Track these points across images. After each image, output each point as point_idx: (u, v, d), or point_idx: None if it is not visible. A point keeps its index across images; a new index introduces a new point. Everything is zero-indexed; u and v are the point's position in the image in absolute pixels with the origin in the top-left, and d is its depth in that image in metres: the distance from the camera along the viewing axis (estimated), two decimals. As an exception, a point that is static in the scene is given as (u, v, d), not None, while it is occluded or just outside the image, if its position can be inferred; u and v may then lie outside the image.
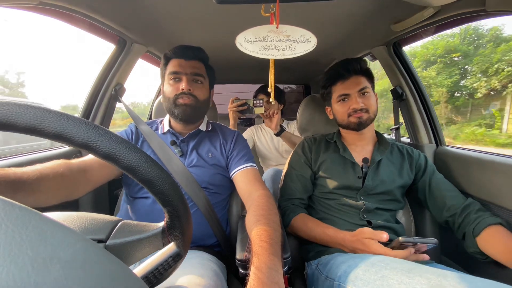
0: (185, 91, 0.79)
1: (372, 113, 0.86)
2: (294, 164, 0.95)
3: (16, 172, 0.52)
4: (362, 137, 0.91)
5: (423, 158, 0.89)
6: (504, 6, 0.67)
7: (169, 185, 0.32)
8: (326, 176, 0.88)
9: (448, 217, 0.78)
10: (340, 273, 0.60)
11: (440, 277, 0.45)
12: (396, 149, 0.92)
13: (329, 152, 0.92)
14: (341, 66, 0.87)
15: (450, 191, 0.81)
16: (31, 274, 0.14)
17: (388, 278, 0.49)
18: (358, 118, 0.84)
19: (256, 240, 0.52)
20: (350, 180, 0.85)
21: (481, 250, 0.69)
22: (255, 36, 0.59)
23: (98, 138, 0.28)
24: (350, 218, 0.82)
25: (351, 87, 0.85)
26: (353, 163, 0.87)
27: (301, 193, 0.89)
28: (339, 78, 0.88)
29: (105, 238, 0.35)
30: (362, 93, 0.85)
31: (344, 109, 0.87)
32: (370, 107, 0.85)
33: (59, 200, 0.60)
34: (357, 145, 0.91)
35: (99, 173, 0.71)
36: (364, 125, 0.85)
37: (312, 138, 0.99)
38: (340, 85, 0.88)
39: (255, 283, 0.42)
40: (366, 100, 0.85)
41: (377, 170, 0.85)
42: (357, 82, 0.85)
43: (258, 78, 2.11)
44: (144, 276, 0.31)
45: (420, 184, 0.86)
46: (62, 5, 0.78)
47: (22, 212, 0.16)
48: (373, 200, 0.83)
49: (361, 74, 0.86)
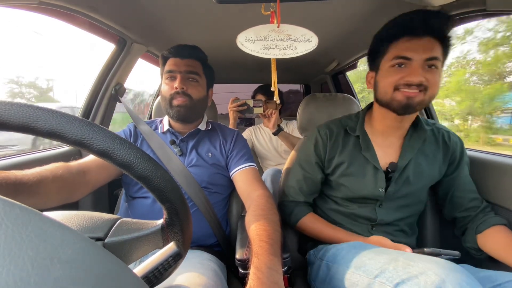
0: (178, 90, 0.79)
1: (430, 95, 0.63)
2: (303, 162, 0.81)
3: (17, 174, 0.52)
4: (400, 124, 0.70)
5: (459, 149, 0.74)
6: (504, 6, 0.67)
7: (166, 181, 0.32)
8: (341, 184, 0.74)
9: (460, 217, 0.75)
10: (328, 254, 0.66)
11: (399, 254, 0.53)
12: (431, 134, 0.74)
13: (348, 150, 0.74)
14: (417, 17, 0.62)
15: (471, 192, 0.74)
16: (31, 274, 0.14)
17: (362, 256, 0.56)
18: (407, 97, 0.62)
19: (255, 240, 0.53)
20: (369, 191, 0.71)
21: (478, 247, 0.70)
22: (256, 36, 0.58)
23: (92, 134, 0.28)
24: (357, 228, 0.75)
25: (419, 50, 0.61)
26: (376, 169, 0.71)
27: (307, 196, 0.82)
28: (407, 32, 0.63)
29: (104, 236, 0.35)
30: (429, 64, 0.61)
31: (395, 77, 0.63)
32: (432, 86, 0.61)
33: (59, 203, 0.61)
34: (388, 137, 0.73)
35: (98, 174, 0.71)
36: (412, 108, 0.64)
37: (327, 130, 0.77)
38: (404, 42, 0.63)
39: (254, 283, 0.42)
40: (430, 75, 0.61)
41: (404, 170, 0.71)
42: (430, 47, 0.61)
43: (258, 78, 2.12)
44: (144, 276, 0.31)
45: (447, 180, 0.75)
46: (62, 4, 0.78)
47: (22, 212, 0.16)
48: (392, 207, 0.73)
49: (439, 38, 0.62)
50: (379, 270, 0.50)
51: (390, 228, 0.74)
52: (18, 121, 0.26)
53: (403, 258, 0.49)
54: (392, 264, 0.49)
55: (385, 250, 0.56)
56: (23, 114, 0.26)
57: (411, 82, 0.61)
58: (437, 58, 0.61)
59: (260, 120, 2.45)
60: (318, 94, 1.13)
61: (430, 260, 0.48)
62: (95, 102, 1.14)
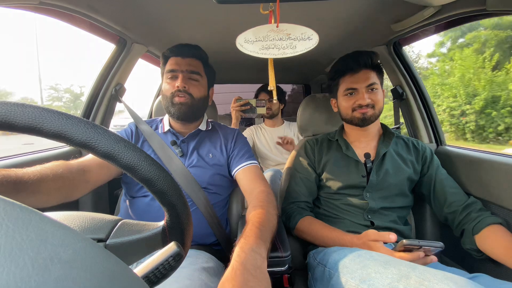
0: (180, 88, 0.79)
1: (378, 109, 0.83)
2: (297, 166, 0.93)
3: (18, 173, 0.52)
4: (366, 133, 0.88)
5: (429, 151, 0.88)
6: (504, 6, 0.67)
7: (168, 184, 0.32)
8: (330, 177, 0.86)
9: (448, 213, 0.79)
10: (331, 261, 0.65)
11: (410, 268, 0.49)
12: (401, 141, 0.90)
13: (332, 151, 0.90)
14: (352, 58, 0.84)
15: (452, 187, 0.81)
16: (32, 274, 0.14)
17: (368, 268, 0.53)
18: (362, 113, 0.82)
19: (247, 225, 0.54)
20: (354, 179, 0.84)
21: (477, 248, 0.71)
22: (255, 36, 0.58)
23: (97, 137, 0.28)
24: (355, 218, 0.81)
25: (360, 82, 0.82)
26: (357, 162, 0.85)
27: (306, 196, 0.88)
28: (348, 71, 0.84)
29: (105, 238, 0.35)
30: (370, 88, 0.82)
31: (349, 103, 0.84)
32: (376, 103, 0.82)
33: (59, 201, 0.60)
34: (361, 142, 0.89)
35: (98, 173, 0.71)
36: (368, 121, 0.83)
37: (314, 139, 0.97)
38: (348, 78, 0.84)
39: (236, 264, 0.42)
40: (373, 96, 0.82)
41: (382, 164, 0.84)
42: (367, 77, 0.82)
43: (258, 78, 2.11)
44: (145, 276, 0.31)
45: (425, 178, 0.85)
46: (62, 5, 0.78)
47: (22, 212, 0.16)
48: (379, 197, 0.82)
49: (371, 69, 0.83)
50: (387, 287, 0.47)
51: (383, 218, 0.81)
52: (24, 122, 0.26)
53: (415, 276, 0.46)
54: (402, 282, 0.46)
55: (393, 262, 0.53)
56: (29, 115, 0.26)
57: (362, 104, 0.82)
58: (375, 83, 0.83)
59: (260, 120, 2.45)
60: (318, 95, 1.13)
61: (446, 278, 0.44)
62: (96, 102, 1.14)
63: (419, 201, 0.90)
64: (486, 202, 0.80)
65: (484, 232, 0.69)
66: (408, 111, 1.18)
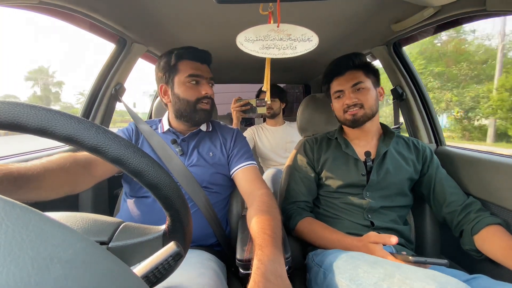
0: (208, 95, 0.81)
1: (368, 108, 0.83)
2: (296, 166, 0.93)
3: (20, 169, 0.52)
4: (364, 132, 0.88)
5: (429, 151, 0.88)
6: (504, 6, 0.67)
7: (173, 190, 0.33)
8: (330, 176, 0.86)
9: (447, 213, 0.79)
10: (326, 261, 0.66)
11: (394, 267, 0.51)
12: (402, 140, 0.91)
13: (331, 150, 0.90)
14: (335, 63, 0.89)
15: (451, 187, 0.81)
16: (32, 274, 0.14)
17: (358, 268, 0.55)
18: (352, 115, 0.83)
19: (259, 233, 0.53)
20: (353, 177, 0.83)
21: (476, 248, 0.71)
22: (256, 35, 0.58)
23: (107, 142, 0.29)
24: (355, 218, 0.81)
25: (344, 83, 0.85)
26: (356, 160, 0.85)
27: (306, 195, 0.88)
28: (334, 75, 0.89)
29: (108, 240, 0.35)
30: (356, 88, 0.83)
31: (339, 105, 0.87)
32: (365, 102, 0.82)
33: (61, 195, 0.61)
34: (361, 140, 0.89)
35: (104, 168, 0.72)
36: (359, 122, 0.84)
37: (313, 138, 0.97)
38: (335, 81, 0.88)
39: (258, 278, 0.42)
40: (360, 95, 0.83)
41: (383, 163, 0.84)
42: (351, 78, 0.84)
43: (258, 78, 2.11)
44: (144, 276, 0.31)
45: (425, 178, 0.85)
46: (62, 4, 0.78)
47: (22, 212, 0.16)
48: (379, 196, 0.82)
49: (356, 69, 0.85)
50: (373, 286, 0.49)
51: (383, 217, 0.81)
52: (36, 125, 0.26)
53: (399, 275, 0.48)
54: (386, 281, 0.48)
55: (381, 262, 0.55)
56: (42, 118, 0.27)
57: (349, 104, 0.83)
58: (361, 82, 0.83)
59: (260, 119, 2.45)
60: (318, 95, 1.13)
61: (427, 276, 0.46)
62: (95, 102, 1.14)
63: (418, 200, 0.90)
64: (486, 202, 0.80)
65: (483, 232, 0.69)
66: (408, 111, 1.18)
